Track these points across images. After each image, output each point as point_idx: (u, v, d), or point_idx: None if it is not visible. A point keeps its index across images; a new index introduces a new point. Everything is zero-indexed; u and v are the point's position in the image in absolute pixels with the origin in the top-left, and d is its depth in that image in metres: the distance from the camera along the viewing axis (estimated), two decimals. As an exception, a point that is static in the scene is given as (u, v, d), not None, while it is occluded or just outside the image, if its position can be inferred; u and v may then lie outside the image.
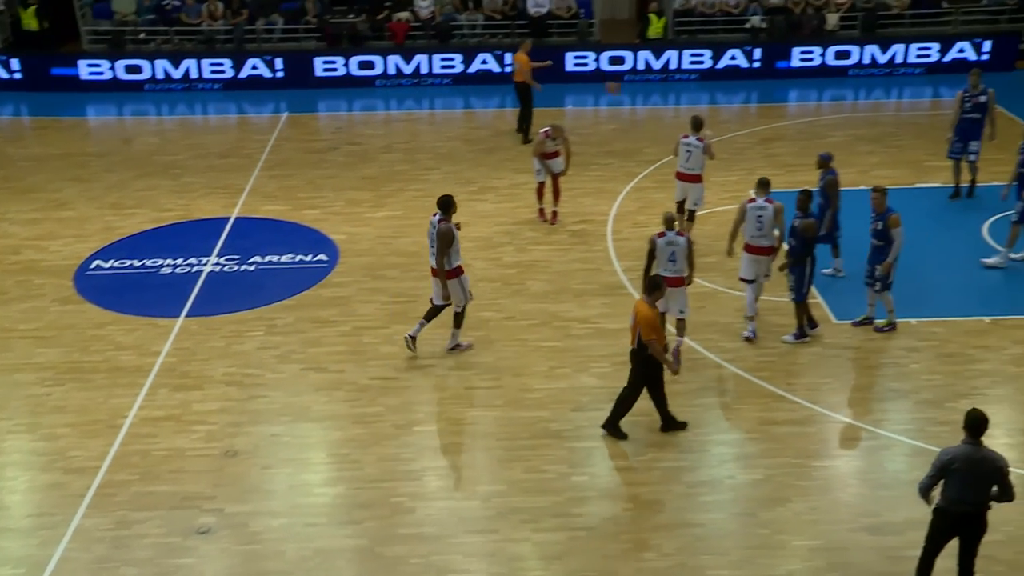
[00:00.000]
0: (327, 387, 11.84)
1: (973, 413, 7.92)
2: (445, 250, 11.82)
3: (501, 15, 23.87)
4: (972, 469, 7.88)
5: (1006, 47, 23.26)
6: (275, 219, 16.38)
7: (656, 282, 10.47)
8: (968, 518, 8.12)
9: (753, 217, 12.29)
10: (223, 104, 22.55)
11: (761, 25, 23.74)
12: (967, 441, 7.91)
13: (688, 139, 14.52)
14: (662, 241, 11.72)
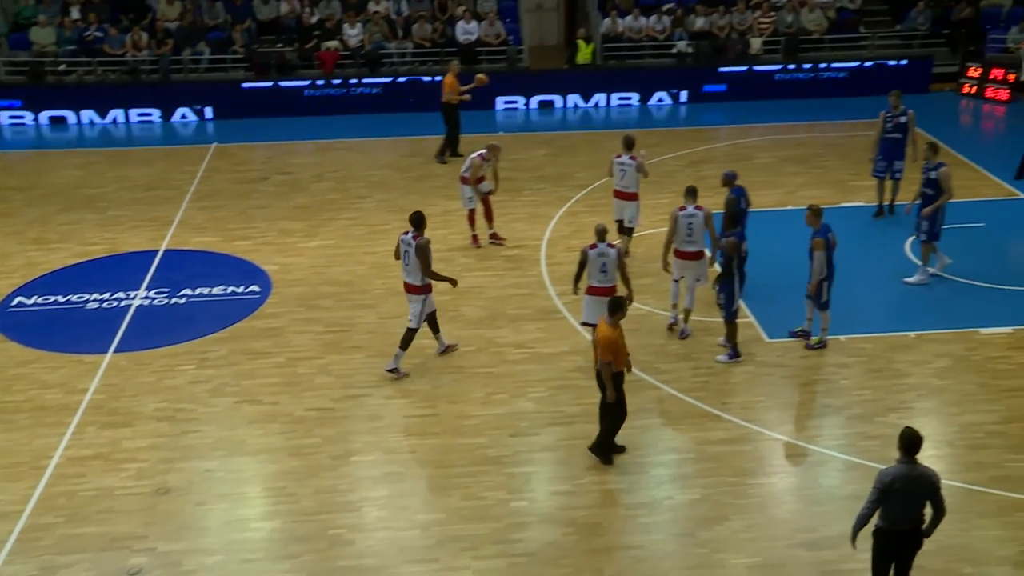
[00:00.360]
0: (262, 420, 11.66)
1: (908, 432, 8.00)
2: (430, 262, 12.05)
3: (430, 42, 23.94)
4: (911, 487, 7.94)
5: (920, 70, 23.98)
6: (206, 251, 16.15)
7: (618, 303, 10.45)
8: (909, 535, 8.20)
9: (684, 224, 12.78)
10: (149, 135, 22.20)
11: (687, 50, 24.15)
12: (903, 460, 7.97)
13: (621, 159, 14.82)
14: (593, 252, 12.08)
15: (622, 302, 10.49)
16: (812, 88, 23.87)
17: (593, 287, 12.19)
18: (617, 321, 10.37)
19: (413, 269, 12.14)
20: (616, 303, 10.44)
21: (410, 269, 12.20)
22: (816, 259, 12.34)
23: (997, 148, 20.81)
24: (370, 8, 24.39)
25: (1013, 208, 17.21)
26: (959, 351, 12.79)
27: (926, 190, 14.34)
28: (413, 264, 12.12)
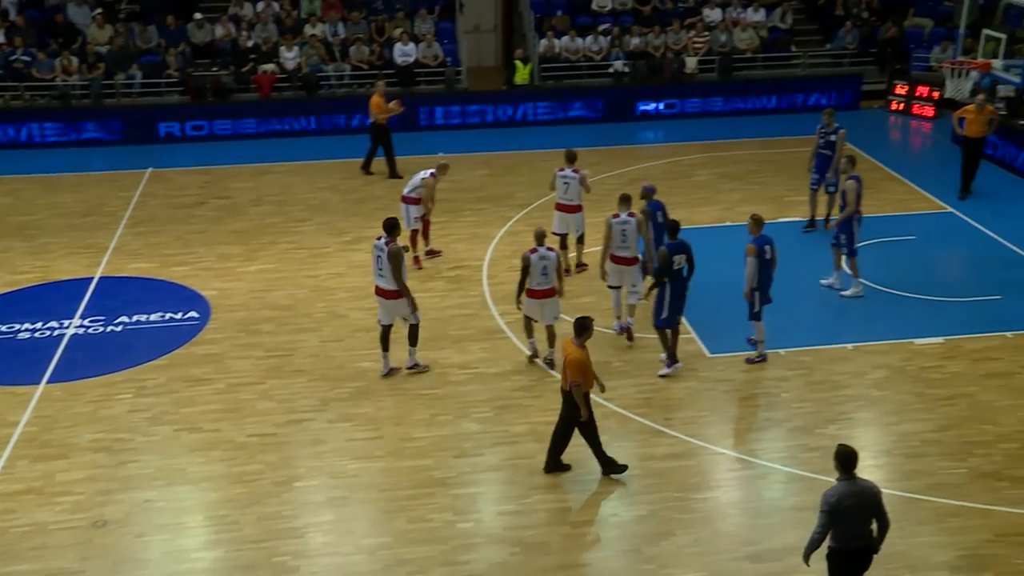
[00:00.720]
0: (203, 447, 11.47)
1: (843, 449, 8.05)
2: (400, 268, 12.25)
3: (368, 65, 23.89)
4: (858, 503, 7.98)
5: (851, 88, 24.52)
6: (142, 277, 15.88)
7: (584, 324, 10.47)
8: (864, 551, 8.23)
9: (618, 231, 13.22)
10: (82, 160, 21.79)
11: (624, 69, 24.41)
12: (843, 478, 8.03)
13: (564, 172, 15.09)
14: (535, 257, 12.52)
15: (588, 323, 10.52)
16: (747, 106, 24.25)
17: (533, 290, 12.62)
18: (584, 342, 10.40)
19: (387, 274, 12.32)
20: (582, 324, 10.46)
21: (383, 274, 12.36)
22: (748, 264, 12.59)
23: (926, 163, 21.33)
24: (307, 31, 24.28)
25: (943, 221, 17.63)
26: (895, 362, 13.04)
27: (842, 202, 14.68)
28: (387, 269, 12.29)
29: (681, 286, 12.61)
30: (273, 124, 22.97)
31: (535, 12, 25.61)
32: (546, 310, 12.76)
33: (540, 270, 12.48)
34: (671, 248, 12.47)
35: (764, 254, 12.65)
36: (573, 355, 10.27)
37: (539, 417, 11.93)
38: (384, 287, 12.46)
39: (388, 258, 12.22)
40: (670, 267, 12.41)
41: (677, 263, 12.48)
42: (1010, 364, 12.95)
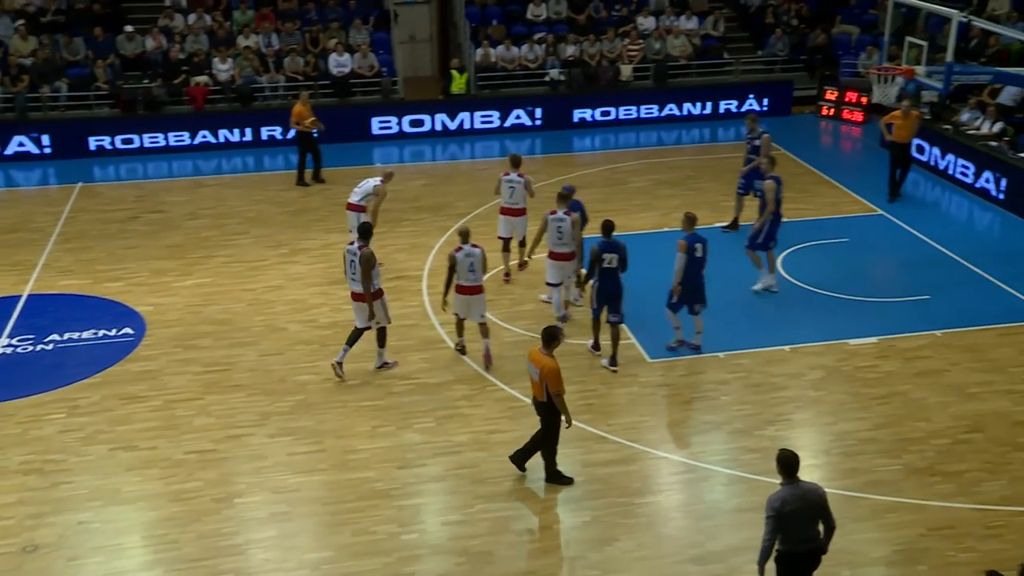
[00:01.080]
0: (139, 466, 11.25)
1: (784, 454, 8.14)
2: (369, 273, 12.44)
3: (303, 76, 23.71)
4: (802, 506, 8.07)
5: (782, 94, 24.95)
6: (74, 294, 15.55)
7: (553, 333, 10.46)
8: (812, 554, 8.31)
9: (554, 228, 13.59)
10: (8, 175, 21.30)
11: (559, 78, 24.55)
12: (786, 482, 8.12)
13: (510, 176, 15.34)
14: (460, 255, 12.77)
15: (557, 332, 10.54)
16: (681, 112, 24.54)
17: (462, 286, 12.88)
18: (552, 351, 10.39)
19: (359, 278, 12.54)
20: (551, 334, 10.44)
21: (356, 278, 12.58)
22: (677, 259, 13.00)
23: (856, 167, 21.75)
24: (240, 42, 24.04)
25: (874, 224, 17.99)
26: (831, 362, 13.26)
27: (761, 202, 15.03)
28: (359, 273, 12.52)
29: (613, 284, 12.80)
30: (207, 136, 22.67)
31: (470, 22, 25.66)
32: (473, 308, 13.01)
33: (467, 267, 12.76)
34: (603, 246, 12.70)
35: (695, 251, 12.99)
36: (549, 365, 10.22)
37: (481, 426, 11.92)
38: (357, 291, 12.68)
39: (360, 262, 12.41)
40: (600, 264, 12.71)
41: (608, 261, 12.68)
42: (940, 362, 13.25)
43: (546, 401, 10.41)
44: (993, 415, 12.06)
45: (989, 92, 21.20)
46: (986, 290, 15.29)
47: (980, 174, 19.16)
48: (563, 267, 13.78)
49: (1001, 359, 13.30)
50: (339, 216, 18.41)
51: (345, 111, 23.43)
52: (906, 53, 15.96)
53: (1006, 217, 18.30)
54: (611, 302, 12.92)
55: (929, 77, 15.16)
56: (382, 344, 13.09)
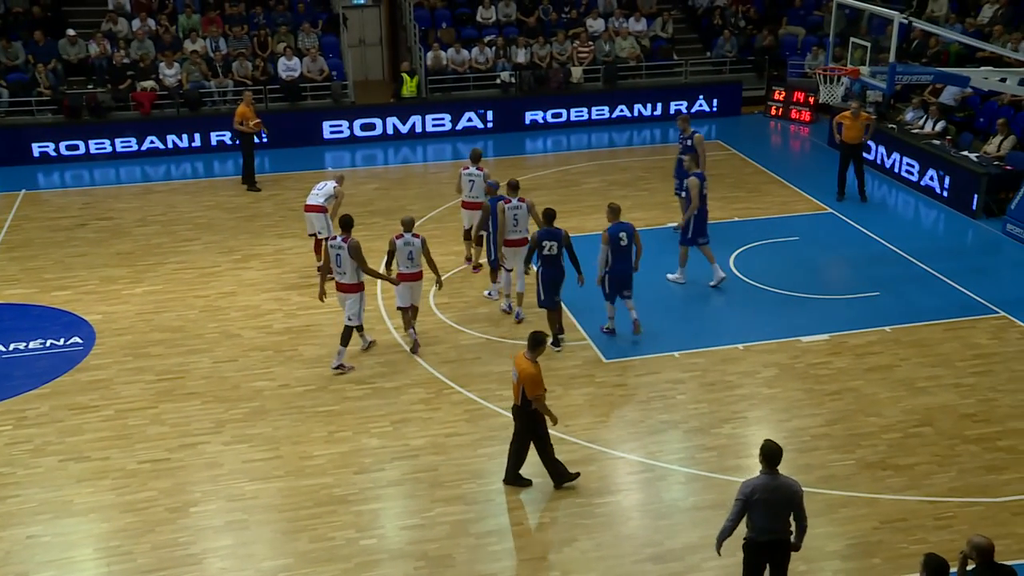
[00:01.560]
0: (91, 477, 11.06)
1: (769, 445, 8.30)
2: (362, 260, 12.82)
3: (252, 80, 23.49)
4: (772, 497, 8.20)
5: (731, 95, 25.24)
6: (19, 304, 15.26)
7: (538, 339, 10.39)
8: (775, 545, 8.43)
9: (511, 215, 14.03)
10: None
11: (510, 80, 24.59)
12: (765, 472, 8.26)
13: (469, 170, 15.72)
14: (400, 242, 13.25)
15: (542, 338, 10.47)
16: (632, 114, 24.71)
17: (402, 274, 13.31)
18: (536, 356, 10.32)
19: (347, 270, 12.84)
20: (536, 339, 10.37)
21: (343, 270, 12.88)
22: (600, 251, 13.44)
23: (805, 166, 22.06)
24: (187, 47, 23.74)
25: (823, 222, 18.25)
26: (784, 360, 13.42)
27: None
28: (347, 265, 12.81)
29: (554, 271, 13.27)
30: (155, 142, 22.38)
31: (420, 25, 25.61)
32: (415, 293, 13.50)
33: (406, 255, 13.23)
34: (541, 234, 13.18)
35: (619, 241, 13.36)
36: (528, 370, 10.18)
37: (438, 429, 11.90)
38: (346, 283, 12.92)
39: (349, 253, 12.74)
40: (540, 251, 13.20)
41: (548, 248, 13.12)
42: (890, 357, 13.47)
43: (521, 405, 10.38)
44: (941, 408, 12.29)
45: (931, 91, 21.61)
46: (932, 286, 15.58)
47: (924, 172, 19.52)
48: (520, 252, 14.07)
49: (948, 353, 13.56)
50: (291, 221, 18.32)
51: (295, 115, 23.28)
52: (851, 54, 16.19)
53: (950, 214, 18.66)
54: (555, 288, 13.39)
55: (873, 77, 15.40)
56: (345, 343, 13.16)
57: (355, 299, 13.07)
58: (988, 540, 7.50)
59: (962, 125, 20.63)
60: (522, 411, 10.49)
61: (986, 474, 11.04)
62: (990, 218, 18.16)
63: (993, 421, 12.03)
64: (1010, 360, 13.38)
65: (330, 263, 13.06)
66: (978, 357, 13.47)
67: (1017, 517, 10.37)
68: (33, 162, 21.78)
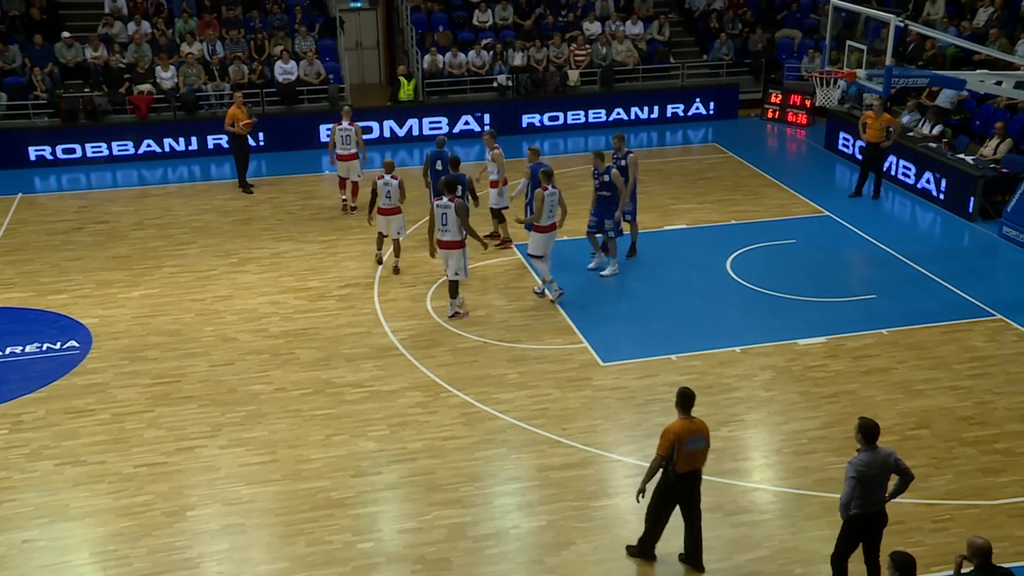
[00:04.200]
0: (87, 481, 11.04)
1: (865, 422, 8.70)
2: (466, 219, 14.15)
3: (248, 83, 23.46)
4: (880, 470, 8.65)
5: (728, 98, 25.26)
6: (16, 307, 15.23)
7: (687, 393, 9.38)
8: (878, 516, 8.84)
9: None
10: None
11: (507, 83, 24.60)
12: (865, 448, 8.64)
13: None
14: (381, 183, 15.54)
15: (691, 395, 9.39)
16: (629, 117, 24.74)
17: (382, 208, 15.71)
18: (684, 414, 9.35)
19: (452, 227, 14.02)
20: (686, 395, 9.33)
21: (448, 228, 14.06)
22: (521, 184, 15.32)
23: (802, 168, 22.09)
24: (183, 50, 23.73)
25: (820, 224, 18.26)
26: (781, 363, 13.42)
27: (603, 192, 15.48)
28: (452, 223, 13.99)
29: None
30: (152, 146, 22.37)
31: (416, 28, 25.61)
32: (392, 225, 15.77)
33: (384, 194, 15.56)
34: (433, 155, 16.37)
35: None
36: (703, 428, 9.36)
37: (436, 433, 11.89)
38: (448, 240, 14.10)
39: (456, 211, 13.92)
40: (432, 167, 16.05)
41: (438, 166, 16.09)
42: (887, 360, 13.48)
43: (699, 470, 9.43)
44: (938, 411, 12.29)
45: (927, 94, 21.64)
46: (929, 288, 15.59)
47: (921, 175, 19.54)
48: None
49: (945, 356, 13.57)
50: (288, 224, 18.34)
51: (292, 119, 23.28)
52: (847, 57, 16.21)
53: (946, 216, 18.68)
54: None
55: (870, 80, 15.42)
56: (454, 295, 14.43)
57: (458, 255, 14.18)
58: (986, 541, 7.56)
59: (958, 128, 20.66)
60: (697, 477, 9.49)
61: (983, 476, 11.04)
62: (986, 221, 18.19)
63: (990, 424, 12.04)
64: (1007, 363, 13.39)
65: (433, 221, 14.25)
66: (975, 360, 13.47)
67: (1014, 519, 10.38)
68: (29, 165, 21.76)
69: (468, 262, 14.60)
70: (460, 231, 14.11)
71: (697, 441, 9.28)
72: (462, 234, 14.15)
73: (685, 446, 9.15)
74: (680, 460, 9.15)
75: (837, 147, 22.20)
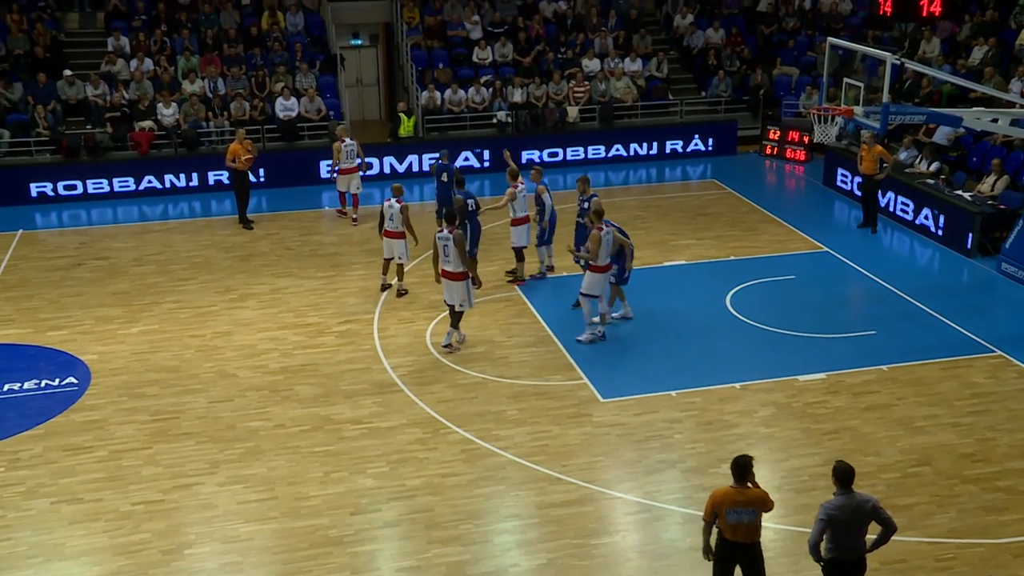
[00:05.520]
0: (84, 519, 10.97)
1: (841, 465, 8.50)
2: (464, 252, 14.23)
3: (250, 120, 23.60)
4: (853, 516, 8.44)
5: (727, 134, 25.40)
6: (14, 344, 15.22)
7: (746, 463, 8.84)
8: (857, 563, 8.63)
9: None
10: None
11: (507, 120, 24.74)
12: (840, 492, 8.46)
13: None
14: (385, 206, 16.35)
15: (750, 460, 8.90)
16: (628, 153, 24.85)
17: (387, 231, 16.24)
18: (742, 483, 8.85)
19: (453, 259, 14.15)
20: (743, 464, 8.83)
21: (450, 259, 14.20)
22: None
23: (801, 204, 22.15)
24: (185, 87, 23.89)
25: (819, 260, 18.29)
26: (781, 399, 13.39)
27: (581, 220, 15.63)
28: (452, 255, 14.13)
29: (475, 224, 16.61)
30: (152, 182, 22.46)
31: (416, 65, 25.79)
32: (395, 249, 16.31)
33: (388, 216, 16.18)
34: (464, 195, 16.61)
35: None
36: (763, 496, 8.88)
37: (435, 470, 11.83)
38: (450, 271, 14.18)
39: (455, 243, 14.03)
40: (465, 209, 16.27)
41: (471, 206, 16.60)
42: (887, 396, 13.44)
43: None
44: (939, 448, 12.25)
45: (924, 131, 21.76)
46: (928, 324, 15.59)
47: (919, 211, 19.61)
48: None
49: (945, 392, 13.54)
50: (288, 260, 18.37)
51: (292, 155, 23.38)
52: (844, 93, 16.33)
53: (945, 252, 18.72)
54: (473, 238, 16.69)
55: (867, 117, 15.52)
56: (454, 325, 14.54)
57: (460, 286, 14.27)
58: None
59: (955, 164, 20.76)
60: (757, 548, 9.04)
61: (986, 515, 10.98)
62: (985, 257, 18.22)
63: (992, 461, 11.98)
64: (1008, 399, 13.36)
65: (437, 252, 14.42)
66: (975, 396, 13.44)
67: (1018, 559, 10.30)
68: (31, 202, 21.82)
69: (472, 293, 14.57)
70: (462, 258, 14.20)
71: (741, 513, 8.64)
72: (466, 261, 14.27)
73: (726, 516, 8.67)
74: (724, 528, 8.75)
75: (836, 183, 22.29)
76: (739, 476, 8.72)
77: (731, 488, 8.73)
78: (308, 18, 26.56)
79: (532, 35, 26.76)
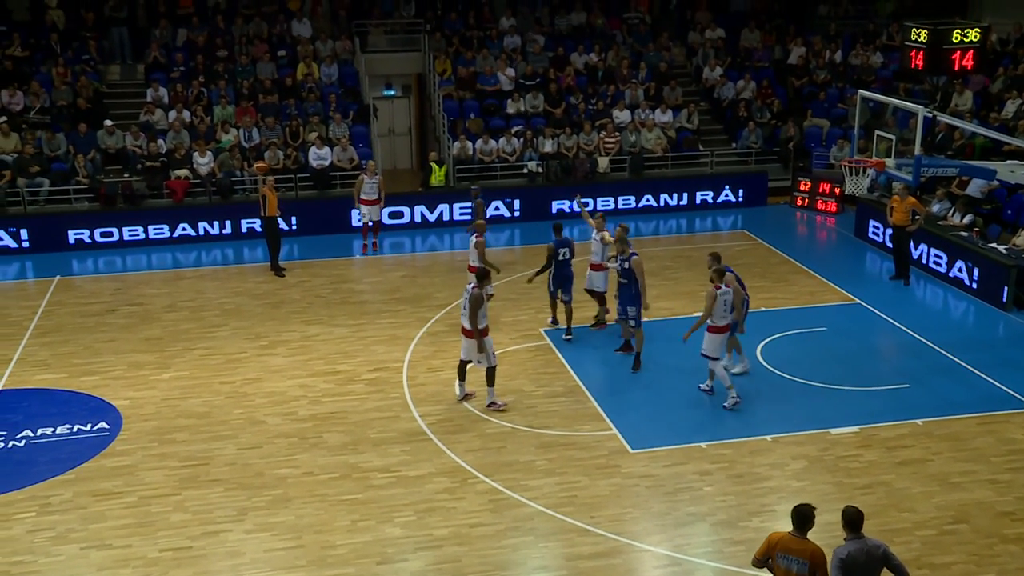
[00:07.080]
0: (112, 565, 10.98)
1: (850, 510, 8.43)
2: (476, 311, 13.87)
3: (283, 168, 23.92)
4: (866, 561, 8.35)
5: (757, 185, 25.41)
6: (48, 388, 15.36)
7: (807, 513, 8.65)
8: None
9: (721, 301, 14.03)
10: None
11: (537, 170, 24.89)
12: (851, 537, 8.39)
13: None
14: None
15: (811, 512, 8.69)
16: (658, 203, 24.89)
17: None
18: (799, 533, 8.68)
19: (468, 315, 13.99)
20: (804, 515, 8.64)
21: (466, 315, 14.05)
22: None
23: (832, 256, 22.04)
24: (221, 137, 24.28)
25: (851, 312, 18.15)
26: (813, 452, 13.22)
27: (621, 280, 15.52)
28: (468, 311, 13.97)
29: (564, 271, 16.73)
30: (187, 229, 22.75)
31: (448, 116, 26.08)
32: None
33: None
34: (556, 243, 16.58)
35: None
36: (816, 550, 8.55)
37: (463, 520, 11.75)
38: (465, 326, 14.12)
39: (469, 301, 13.90)
40: (555, 256, 16.54)
41: (562, 255, 16.59)
42: (922, 451, 13.24)
43: None
44: (977, 505, 12.01)
45: (958, 184, 21.66)
46: (964, 378, 15.38)
47: (953, 263, 19.45)
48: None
49: (982, 448, 13.31)
50: (318, 307, 18.47)
51: (325, 203, 23.63)
52: (875, 146, 16.32)
53: (979, 306, 18.52)
54: (564, 284, 16.62)
55: (899, 169, 15.48)
56: (491, 383, 14.30)
57: (469, 344, 14.12)
58: None
59: (989, 217, 20.62)
60: None
61: (1025, 574, 10.74)
62: (1021, 310, 18.01)
63: (1031, 519, 11.74)
64: (1046, 455, 13.12)
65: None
66: (1013, 452, 13.21)
67: (1058, 619, 10.04)
68: (69, 249, 22.15)
69: (491, 350, 14.17)
70: (472, 320, 13.90)
71: (791, 561, 8.45)
72: (475, 323, 13.90)
73: (778, 559, 8.55)
74: (776, 571, 8.61)
75: (867, 235, 22.19)
76: (799, 524, 8.58)
77: (789, 535, 8.59)
78: (342, 69, 27.00)
79: (563, 86, 27.02)
